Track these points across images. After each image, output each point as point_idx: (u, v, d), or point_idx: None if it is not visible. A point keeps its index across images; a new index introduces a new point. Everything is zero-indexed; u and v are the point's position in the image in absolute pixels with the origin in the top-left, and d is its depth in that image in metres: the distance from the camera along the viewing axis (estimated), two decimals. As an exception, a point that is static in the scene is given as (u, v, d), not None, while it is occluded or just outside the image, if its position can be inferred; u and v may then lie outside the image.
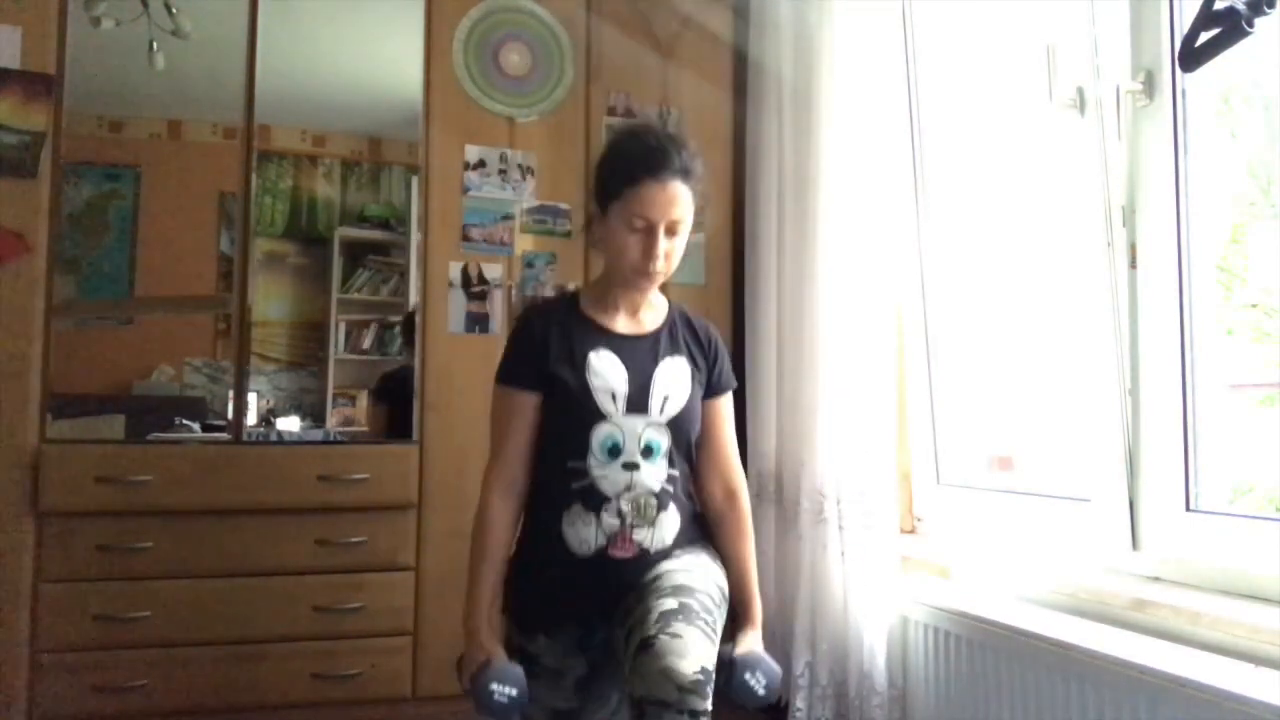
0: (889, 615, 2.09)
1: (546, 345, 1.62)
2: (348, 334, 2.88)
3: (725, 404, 1.75)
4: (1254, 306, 2.01)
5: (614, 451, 1.58)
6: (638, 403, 1.61)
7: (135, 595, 2.28)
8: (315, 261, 2.86)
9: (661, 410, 1.62)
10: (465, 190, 2.61)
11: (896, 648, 2.08)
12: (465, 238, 2.60)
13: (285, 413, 2.74)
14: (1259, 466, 1.86)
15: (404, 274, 2.83)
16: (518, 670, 1.51)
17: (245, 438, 2.51)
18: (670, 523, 1.62)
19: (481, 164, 2.62)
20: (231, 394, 2.51)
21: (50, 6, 2.33)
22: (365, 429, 2.76)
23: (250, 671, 2.34)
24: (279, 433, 2.69)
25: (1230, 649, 1.42)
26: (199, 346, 2.67)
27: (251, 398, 2.57)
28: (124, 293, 2.66)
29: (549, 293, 2.62)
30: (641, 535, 1.59)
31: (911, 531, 2.35)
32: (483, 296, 2.59)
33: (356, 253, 2.89)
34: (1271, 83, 1.70)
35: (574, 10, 2.71)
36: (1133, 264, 1.73)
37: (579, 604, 1.59)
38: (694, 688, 1.35)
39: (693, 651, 1.39)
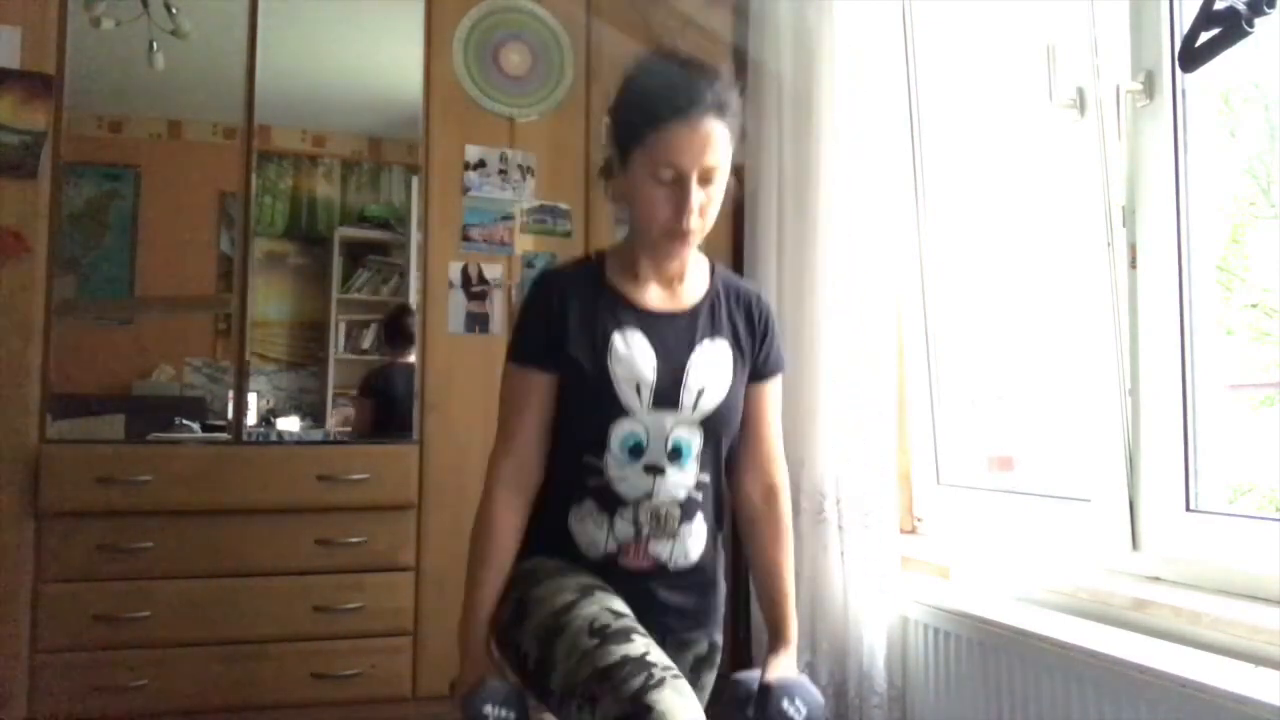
0: (889, 615, 2.09)
1: (565, 319, 1.38)
2: (348, 334, 2.89)
3: (772, 390, 1.51)
4: (1254, 306, 2.01)
5: (636, 451, 1.36)
6: (667, 396, 1.37)
7: (135, 595, 2.28)
8: (315, 261, 2.87)
9: (695, 405, 1.39)
10: (465, 190, 2.61)
11: (896, 648, 2.07)
12: (465, 238, 2.60)
13: (285, 413, 2.74)
14: (1259, 467, 1.86)
15: (404, 274, 2.83)
16: (513, 689, 1.34)
17: (245, 438, 2.51)
18: (697, 537, 1.42)
19: (481, 164, 2.62)
20: (231, 394, 2.51)
21: (50, 6, 2.32)
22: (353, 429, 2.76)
23: (250, 671, 2.34)
24: (279, 433, 2.69)
25: (1230, 649, 1.42)
26: (199, 346, 2.67)
27: (251, 398, 2.57)
28: (124, 293, 2.67)
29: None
30: (660, 549, 1.39)
31: (911, 531, 2.35)
32: (483, 296, 2.59)
33: (356, 253, 2.89)
34: (1271, 83, 1.70)
35: (574, 10, 2.71)
36: (1133, 264, 1.72)
37: None
38: None
39: None
